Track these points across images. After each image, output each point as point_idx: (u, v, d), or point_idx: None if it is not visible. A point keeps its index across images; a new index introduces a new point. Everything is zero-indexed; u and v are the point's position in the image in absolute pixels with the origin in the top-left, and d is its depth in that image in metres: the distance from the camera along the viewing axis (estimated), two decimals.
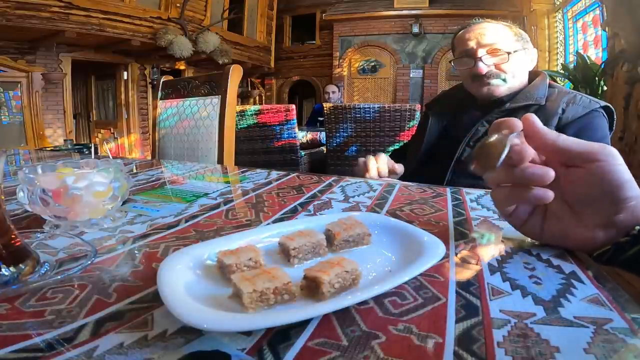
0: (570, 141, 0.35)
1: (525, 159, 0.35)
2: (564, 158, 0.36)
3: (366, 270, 0.32)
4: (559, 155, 0.36)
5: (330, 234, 0.37)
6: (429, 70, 6.85)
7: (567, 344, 0.23)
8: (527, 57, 0.98)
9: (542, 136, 0.35)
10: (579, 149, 0.34)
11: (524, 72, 0.98)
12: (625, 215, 0.33)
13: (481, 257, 0.36)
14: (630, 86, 2.77)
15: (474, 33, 0.97)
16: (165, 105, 1.52)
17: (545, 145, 0.35)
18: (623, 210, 0.33)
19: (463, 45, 0.98)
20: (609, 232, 0.34)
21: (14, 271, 0.31)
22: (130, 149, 5.61)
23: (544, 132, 0.35)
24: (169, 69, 5.80)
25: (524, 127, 0.35)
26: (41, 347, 0.23)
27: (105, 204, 0.45)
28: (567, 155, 0.35)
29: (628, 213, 0.33)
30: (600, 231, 0.34)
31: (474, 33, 0.97)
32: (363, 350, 0.22)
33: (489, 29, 0.96)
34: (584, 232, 0.35)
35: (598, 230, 0.34)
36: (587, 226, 0.35)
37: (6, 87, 4.02)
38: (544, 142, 0.35)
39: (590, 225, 0.35)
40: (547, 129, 0.35)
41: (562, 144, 0.35)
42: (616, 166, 0.33)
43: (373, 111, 2.55)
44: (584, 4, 4.43)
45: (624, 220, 0.33)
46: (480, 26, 0.98)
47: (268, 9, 7.47)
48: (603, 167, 0.33)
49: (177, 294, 0.26)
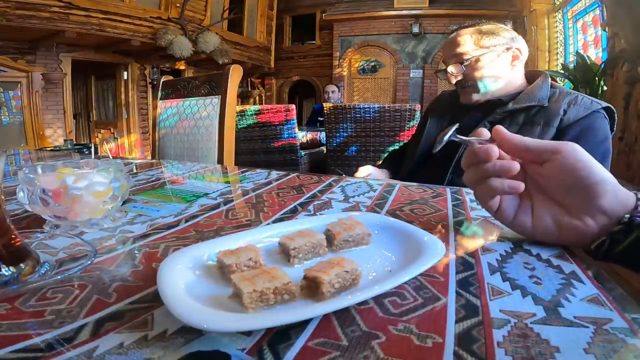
0: (535, 141, 0.39)
1: (491, 155, 0.39)
2: (533, 156, 0.39)
3: (366, 270, 0.32)
4: (528, 154, 0.39)
5: (330, 234, 0.37)
6: (429, 70, 6.84)
7: (567, 344, 0.23)
8: (502, 59, 0.97)
9: (509, 141, 0.39)
10: (545, 145, 0.38)
11: (502, 74, 0.98)
12: (609, 201, 0.35)
13: (481, 257, 0.36)
14: (630, 86, 2.77)
15: (444, 45, 1.07)
16: (165, 105, 1.52)
17: (515, 148, 0.39)
18: (600, 194, 0.35)
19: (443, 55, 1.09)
20: (599, 220, 0.35)
21: (14, 271, 0.31)
22: (130, 149, 5.60)
23: (510, 138, 0.39)
24: (169, 69, 5.80)
25: (494, 137, 0.40)
26: (41, 347, 0.23)
27: (105, 204, 0.45)
28: (537, 153, 0.39)
29: (611, 198, 0.35)
30: (590, 219, 0.36)
31: (444, 45, 1.07)
32: (363, 350, 0.22)
33: (453, 39, 1.02)
34: (572, 221, 0.37)
35: (587, 218, 0.36)
36: (575, 214, 0.37)
37: (6, 87, 4.02)
38: (513, 145, 0.39)
39: (577, 212, 0.36)
40: (514, 136, 0.40)
41: (527, 144, 0.39)
42: (577, 153, 0.37)
43: (373, 111, 2.55)
44: (584, 4, 4.43)
45: (610, 206, 0.35)
46: (449, 38, 1.04)
47: (268, 9, 7.47)
48: (566, 156, 0.37)
49: (177, 294, 0.26)
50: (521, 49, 0.99)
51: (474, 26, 1.01)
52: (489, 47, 0.97)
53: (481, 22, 1.02)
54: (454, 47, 1.00)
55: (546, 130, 0.88)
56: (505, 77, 0.99)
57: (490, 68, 0.97)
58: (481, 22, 1.02)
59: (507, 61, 0.98)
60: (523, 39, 1.02)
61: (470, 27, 1.01)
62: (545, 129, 0.89)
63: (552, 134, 0.88)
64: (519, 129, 0.91)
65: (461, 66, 0.98)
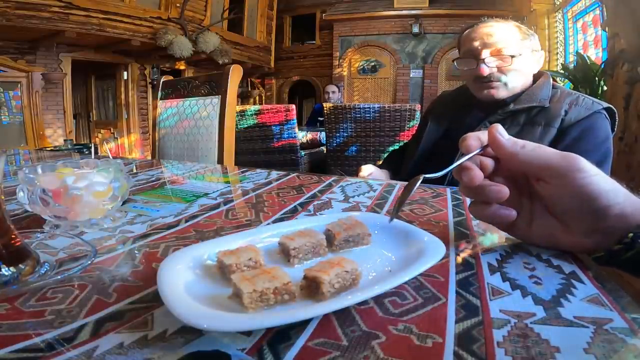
0: (532, 155, 0.34)
1: (474, 179, 0.35)
2: (531, 172, 0.36)
3: (366, 270, 0.32)
4: (525, 168, 0.36)
5: (330, 234, 0.37)
6: (429, 70, 6.85)
7: (567, 344, 0.23)
8: (532, 60, 0.96)
9: (505, 149, 0.35)
10: (540, 163, 0.34)
11: (528, 75, 0.97)
12: (612, 223, 0.32)
13: (481, 257, 0.36)
14: (630, 86, 2.77)
15: (480, 33, 0.95)
16: (165, 105, 1.52)
17: (510, 158, 0.36)
18: (608, 218, 0.32)
19: (468, 44, 0.96)
20: (597, 238, 0.33)
21: (14, 271, 0.31)
22: (130, 149, 5.60)
23: (506, 145, 0.35)
24: (169, 69, 5.80)
25: (490, 141, 0.36)
26: (41, 347, 0.23)
27: (105, 204, 0.45)
28: (532, 170, 0.35)
29: (614, 220, 0.32)
30: (587, 238, 0.34)
31: (479, 33, 0.95)
32: (363, 350, 0.22)
33: (496, 29, 0.93)
34: (570, 238, 0.35)
35: (584, 238, 0.34)
36: (573, 233, 0.35)
37: (6, 87, 4.02)
38: (508, 154, 0.35)
39: (576, 232, 0.34)
40: (511, 141, 0.35)
41: (522, 158, 0.35)
42: (590, 178, 0.32)
43: (373, 111, 2.55)
44: (584, 4, 4.43)
45: (610, 226, 0.32)
46: (487, 25, 0.95)
47: (268, 9, 7.47)
48: (575, 181, 0.32)
49: (177, 294, 0.26)
50: (543, 55, 0.98)
51: (508, 21, 0.96)
52: (528, 49, 0.95)
53: (510, 20, 0.97)
54: (497, 39, 0.92)
55: (547, 131, 0.88)
56: (529, 79, 0.98)
57: (526, 68, 0.95)
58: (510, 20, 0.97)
59: (536, 64, 0.97)
60: None
61: (508, 22, 0.95)
62: (546, 130, 0.89)
63: (553, 134, 0.88)
64: (519, 129, 0.91)
65: (510, 58, 0.91)
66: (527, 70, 0.96)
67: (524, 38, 0.94)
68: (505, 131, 0.36)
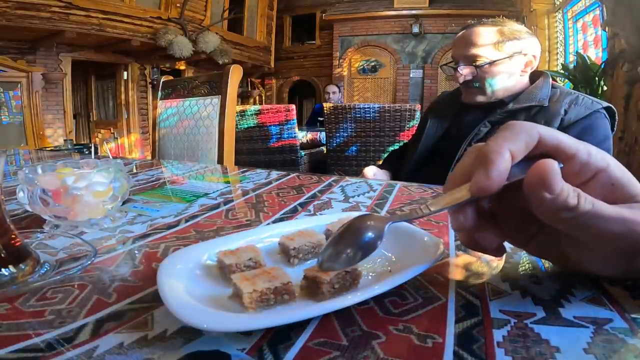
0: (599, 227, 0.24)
1: (462, 228, 0.28)
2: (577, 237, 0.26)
3: (366, 270, 0.32)
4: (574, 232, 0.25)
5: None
6: (429, 70, 6.84)
7: (567, 344, 0.23)
8: (517, 62, 0.95)
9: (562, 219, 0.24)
10: (605, 240, 0.25)
11: (514, 77, 0.96)
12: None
13: (481, 257, 0.36)
14: (630, 86, 2.77)
15: (457, 39, 0.99)
16: (165, 105, 1.52)
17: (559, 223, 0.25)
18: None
19: (452, 50, 1.02)
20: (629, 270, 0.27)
21: (14, 271, 0.31)
22: (130, 149, 5.60)
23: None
24: (169, 69, 5.80)
25: (536, 177, 0.23)
26: (41, 347, 0.23)
27: (105, 204, 0.45)
28: (582, 237, 0.25)
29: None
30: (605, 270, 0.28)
31: (457, 39, 0.99)
32: (363, 350, 0.22)
33: (471, 36, 0.94)
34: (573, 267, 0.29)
35: (615, 273, 0.29)
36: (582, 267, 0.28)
37: (6, 87, 4.02)
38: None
39: (597, 267, 0.28)
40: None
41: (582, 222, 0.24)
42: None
43: (373, 111, 2.55)
44: (584, 4, 4.43)
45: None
46: (465, 33, 0.97)
47: (268, 9, 7.47)
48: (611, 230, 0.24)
49: (177, 294, 0.26)
50: (537, 55, 0.96)
51: (495, 24, 0.94)
52: (508, 53, 0.93)
53: (503, 21, 0.96)
54: (469, 45, 0.94)
55: None
56: (514, 81, 0.97)
57: (503, 72, 0.94)
58: (503, 21, 0.96)
59: (520, 66, 0.96)
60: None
61: (490, 26, 0.94)
62: None
63: None
64: None
65: (475, 69, 0.93)
66: (508, 75, 0.95)
67: (504, 41, 0.93)
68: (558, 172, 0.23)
